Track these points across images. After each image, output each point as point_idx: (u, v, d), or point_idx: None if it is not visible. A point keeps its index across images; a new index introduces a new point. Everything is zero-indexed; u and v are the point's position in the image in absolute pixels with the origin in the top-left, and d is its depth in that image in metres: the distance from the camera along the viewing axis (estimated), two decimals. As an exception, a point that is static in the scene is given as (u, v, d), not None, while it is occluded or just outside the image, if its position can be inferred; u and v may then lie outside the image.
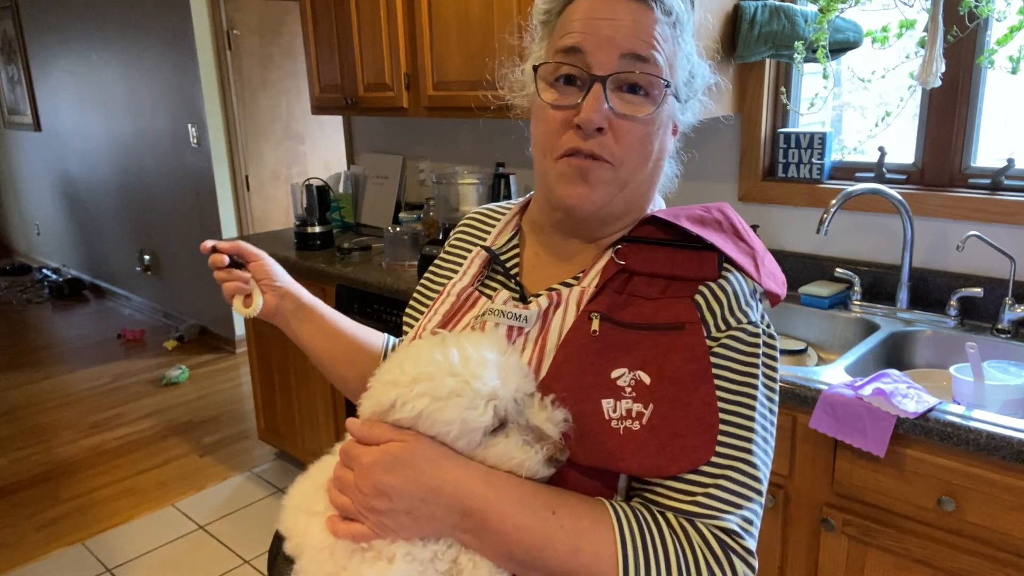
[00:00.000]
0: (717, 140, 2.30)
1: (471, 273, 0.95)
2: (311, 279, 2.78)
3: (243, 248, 1.03)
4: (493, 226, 1.02)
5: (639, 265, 0.84)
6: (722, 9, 2.00)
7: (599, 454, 0.74)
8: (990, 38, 1.81)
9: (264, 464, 3.37)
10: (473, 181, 2.70)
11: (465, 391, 0.71)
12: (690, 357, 0.76)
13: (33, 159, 6.59)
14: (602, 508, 0.73)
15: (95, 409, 4.01)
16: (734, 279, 0.82)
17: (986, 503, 1.35)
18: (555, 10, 0.85)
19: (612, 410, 0.75)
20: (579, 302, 0.84)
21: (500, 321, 0.86)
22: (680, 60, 0.84)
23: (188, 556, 2.74)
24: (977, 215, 1.87)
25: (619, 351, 0.78)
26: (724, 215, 0.88)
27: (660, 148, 0.86)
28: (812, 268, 2.17)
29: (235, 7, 4.37)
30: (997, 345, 1.76)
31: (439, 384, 0.71)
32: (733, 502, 0.74)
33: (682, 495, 0.74)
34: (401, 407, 0.72)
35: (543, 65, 0.84)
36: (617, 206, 0.86)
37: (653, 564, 0.70)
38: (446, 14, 2.46)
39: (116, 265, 5.86)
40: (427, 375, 0.72)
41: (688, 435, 0.74)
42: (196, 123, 4.49)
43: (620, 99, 0.81)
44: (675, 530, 0.73)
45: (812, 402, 1.50)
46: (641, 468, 0.74)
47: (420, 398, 0.71)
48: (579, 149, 0.81)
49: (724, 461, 0.74)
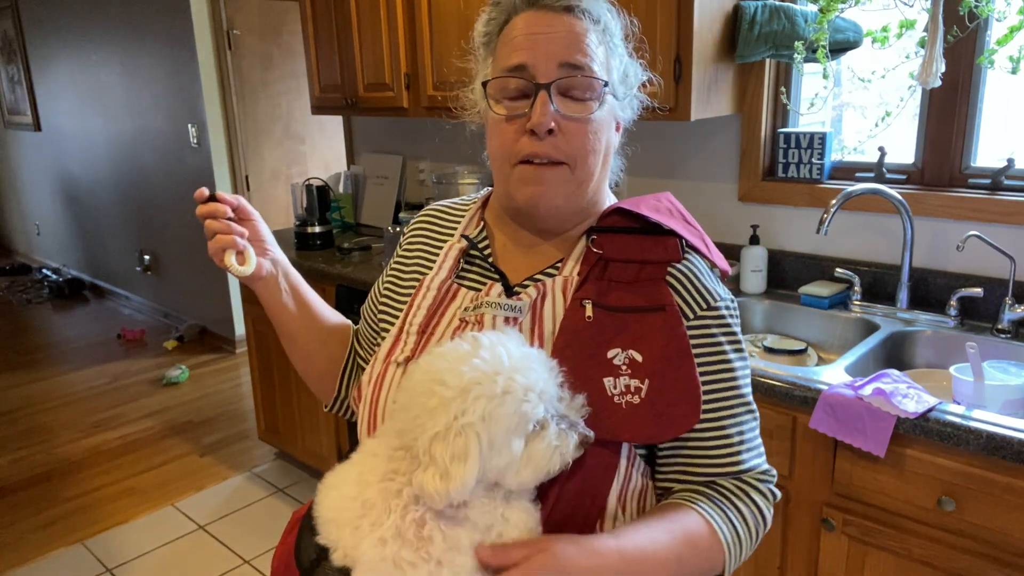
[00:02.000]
0: (717, 140, 2.30)
1: (447, 266, 0.99)
2: (311, 279, 2.78)
3: (243, 205, 1.00)
4: (455, 222, 1.06)
5: (614, 252, 0.92)
6: (722, 9, 2.00)
7: (606, 428, 0.83)
8: (990, 38, 1.81)
9: (264, 464, 3.37)
10: (473, 181, 2.70)
11: (515, 387, 0.75)
12: (672, 336, 0.87)
13: (33, 159, 6.59)
14: (695, 515, 0.85)
15: (95, 409, 4.01)
16: (694, 260, 0.94)
17: (986, 503, 1.35)
18: (494, 32, 0.94)
19: (613, 387, 0.85)
20: (564, 290, 0.92)
21: (498, 313, 0.91)
22: (614, 61, 0.93)
23: (188, 556, 2.74)
24: (977, 215, 1.87)
25: (611, 333, 0.87)
26: (672, 203, 0.99)
27: (607, 144, 0.94)
28: (812, 268, 2.17)
29: (235, 7, 4.37)
30: (997, 345, 1.76)
31: (491, 385, 0.74)
32: (750, 446, 0.90)
33: (725, 459, 0.89)
34: (462, 415, 0.73)
35: (491, 81, 0.92)
36: (575, 201, 0.94)
37: (739, 526, 0.87)
38: (446, 14, 2.46)
39: (116, 265, 5.87)
40: (475, 380, 0.74)
41: (679, 404, 0.85)
42: (196, 123, 4.49)
43: (564, 103, 0.88)
44: (733, 492, 0.89)
45: (812, 402, 1.50)
46: (644, 437, 0.85)
47: (478, 400, 0.73)
48: (535, 153, 0.88)
49: (730, 420, 0.89)
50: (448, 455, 0.73)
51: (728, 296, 0.94)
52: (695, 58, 1.93)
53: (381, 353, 0.97)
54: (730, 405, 0.89)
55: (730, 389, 0.90)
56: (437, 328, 0.95)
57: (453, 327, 0.94)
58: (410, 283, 1.03)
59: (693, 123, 2.31)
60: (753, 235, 2.21)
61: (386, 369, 0.94)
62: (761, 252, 2.19)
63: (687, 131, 2.36)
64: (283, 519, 2.92)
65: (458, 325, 0.94)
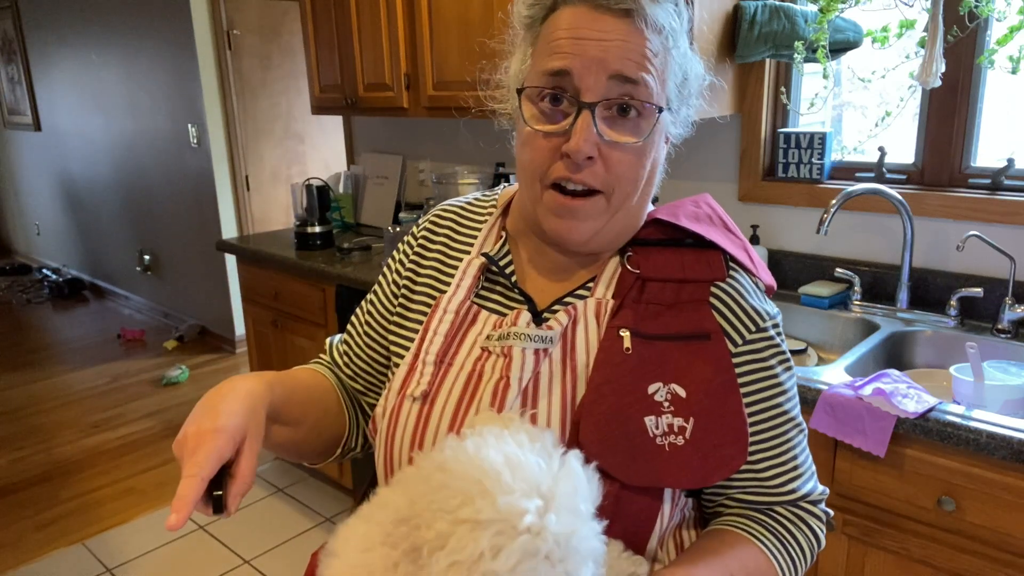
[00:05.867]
0: (717, 140, 2.30)
1: (465, 285, 0.89)
2: (311, 279, 2.78)
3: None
4: (473, 230, 0.95)
5: (652, 271, 0.84)
6: (722, 9, 2.00)
7: (649, 474, 0.76)
8: (990, 38, 1.81)
9: (264, 464, 3.37)
10: (473, 181, 2.70)
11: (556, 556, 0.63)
12: (719, 368, 0.79)
13: (33, 159, 6.59)
14: (752, 548, 0.82)
15: (95, 409, 4.01)
16: (739, 277, 0.85)
17: (986, 503, 1.35)
18: (538, 16, 0.82)
19: (655, 427, 0.77)
20: (597, 314, 0.83)
21: (527, 346, 0.82)
22: (672, 68, 0.81)
23: (188, 556, 2.74)
24: (977, 215, 1.87)
25: (652, 366, 0.79)
26: (712, 209, 0.90)
27: (652, 166, 0.83)
28: (812, 268, 2.17)
29: (235, 7, 4.37)
30: (997, 345, 1.76)
31: (537, 542, 0.62)
32: (804, 470, 0.85)
33: (781, 487, 0.84)
34: (492, 557, 0.61)
35: (527, 89, 0.81)
36: (609, 232, 0.84)
37: (795, 556, 0.84)
38: (446, 14, 2.46)
39: (116, 265, 5.86)
40: (526, 526, 0.62)
41: (725, 444, 0.78)
42: (196, 123, 4.49)
43: (610, 125, 0.78)
44: (789, 519, 0.85)
45: (812, 402, 1.50)
46: (688, 482, 0.77)
47: (513, 554, 0.61)
48: (569, 179, 0.78)
49: (784, 446, 0.83)
50: None
51: (776, 312, 0.86)
52: (695, 58, 1.93)
53: (395, 384, 0.87)
54: (784, 431, 0.83)
55: (783, 414, 0.83)
56: (456, 358, 0.85)
57: (474, 357, 0.85)
58: (421, 301, 0.93)
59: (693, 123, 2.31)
60: (753, 235, 2.21)
61: (401, 402, 0.85)
62: (761, 252, 2.19)
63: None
64: (283, 519, 2.93)
65: (480, 355, 0.84)
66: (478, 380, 0.83)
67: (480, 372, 0.84)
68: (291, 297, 2.91)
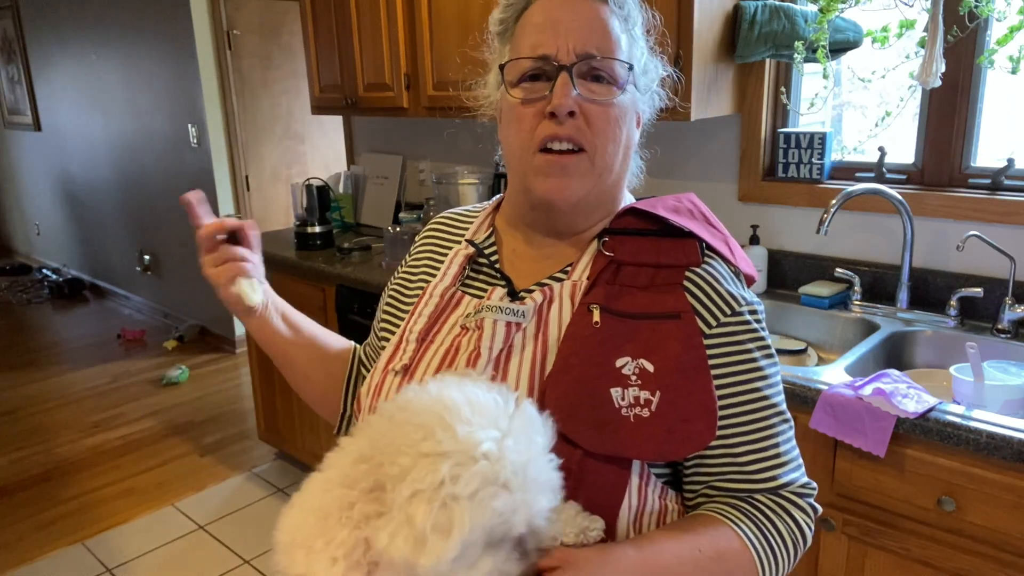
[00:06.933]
0: (717, 140, 2.30)
1: (452, 273, 0.95)
2: (311, 279, 2.79)
3: (246, 230, 0.93)
4: (463, 228, 1.01)
5: (627, 256, 0.87)
6: (722, 9, 2.00)
7: (613, 443, 0.78)
8: (990, 38, 1.81)
9: (264, 464, 3.37)
10: (473, 181, 2.70)
11: (514, 485, 0.65)
12: (688, 346, 0.81)
13: (33, 159, 6.59)
14: (727, 529, 0.81)
15: (95, 409, 4.01)
16: (715, 263, 0.87)
17: (986, 503, 1.35)
18: (511, 19, 0.89)
19: (620, 398, 0.79)
20: (572, 295, 0.86)
21: (499, 317, 0.86)
22: (635, 51, 0.88)
23: (188, 556, 2.74)
24: (977, 215, 1.87)
25: (621, 340, 0.81)
26: (694, 204, 0.93)
27: (628, 136, 0.88)
28: (812, 268, 2.17)
29: (235, 7, 4.37)
30: (997, 345, 1.76)
31: (498, 469, 0.64)
32: (787, 459, 0.85)
33: (761, 474, 0.83)
34: (453, 483, 0.63)
35: (509, 64, 0.86)
36: (594, 197, 0.88)
37: (775, 544, 0.82)
38: (446, 14, 2.46)
39: (116, 265, 5.86)
40: (484, 453, 0.64)
41: (693, 420, 0.79)
42: (196, 123, 4.49)
43: (586, 87, 0.84)
44: (770, 507, 0.84)
45: (812, 402, 1.50)
46: (653, 454, 0.79)
47: (474, 477, 0.63)
48: (556, 135, 0.83)
49: (765, 432, 0.83)
50: (430, 523, 0.62)
51: (754, 300, 0.87)
52: (695, 58, 1.93)
53: (381, 362, 0.93)
54: (764, 416, 0.83)
55: (762, 399, 0.84)
56: (437, 336, 0.90)
57: (453, 334, 0.89)
58: (415, 292, 0.99)
59: (693, 123, 2.31)
60: (753, 235, 2.21)
61: (384, 378, 0.90)
62: (761, 252, 2.19)
63: (687, 131, 2.36)
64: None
65: (459, 332, 0.89)
66: (455, 354, 0.87)
67: (457, 347, 0.88)
68: (291, 297, 2.87)
